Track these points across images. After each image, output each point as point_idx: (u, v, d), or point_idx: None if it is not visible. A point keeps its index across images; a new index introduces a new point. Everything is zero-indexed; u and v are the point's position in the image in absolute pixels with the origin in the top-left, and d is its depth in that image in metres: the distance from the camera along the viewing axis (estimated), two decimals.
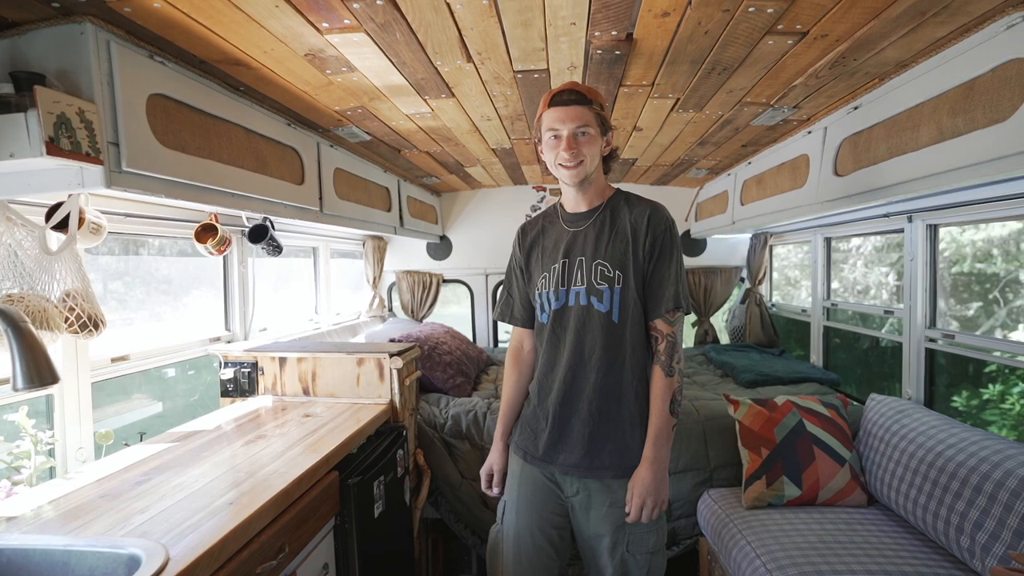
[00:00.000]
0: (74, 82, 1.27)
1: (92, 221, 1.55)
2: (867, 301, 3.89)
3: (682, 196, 4.39)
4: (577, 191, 1.49)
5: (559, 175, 1.46)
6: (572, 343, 1.45)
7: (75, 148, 1.22)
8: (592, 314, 1.44)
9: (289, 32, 1.46)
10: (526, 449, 1.56)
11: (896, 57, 1.66)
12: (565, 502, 1.53)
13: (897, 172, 1.66)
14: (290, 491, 1.48)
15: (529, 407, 1.60)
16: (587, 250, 1.46)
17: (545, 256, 1.53)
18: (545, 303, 1.50)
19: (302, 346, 2.50)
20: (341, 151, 2.63)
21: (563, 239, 1.50)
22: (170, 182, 1.48)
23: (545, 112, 1.42)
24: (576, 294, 1.45)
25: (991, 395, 4.17)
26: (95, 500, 1.40)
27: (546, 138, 1.43)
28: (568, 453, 1.47)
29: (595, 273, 1.44)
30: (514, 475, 1.60)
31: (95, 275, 2.39)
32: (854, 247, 4.00)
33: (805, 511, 2.14)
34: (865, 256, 4.15)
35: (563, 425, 1.48)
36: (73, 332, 1.47)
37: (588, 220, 1.50)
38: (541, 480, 1.54)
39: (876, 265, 4.36)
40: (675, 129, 2.62)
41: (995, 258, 3.97)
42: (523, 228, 1.65)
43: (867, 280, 4.21)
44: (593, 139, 1.41)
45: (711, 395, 2.89)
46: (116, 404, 2.29)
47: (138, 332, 2.48)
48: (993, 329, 3.73)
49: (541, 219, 1.62)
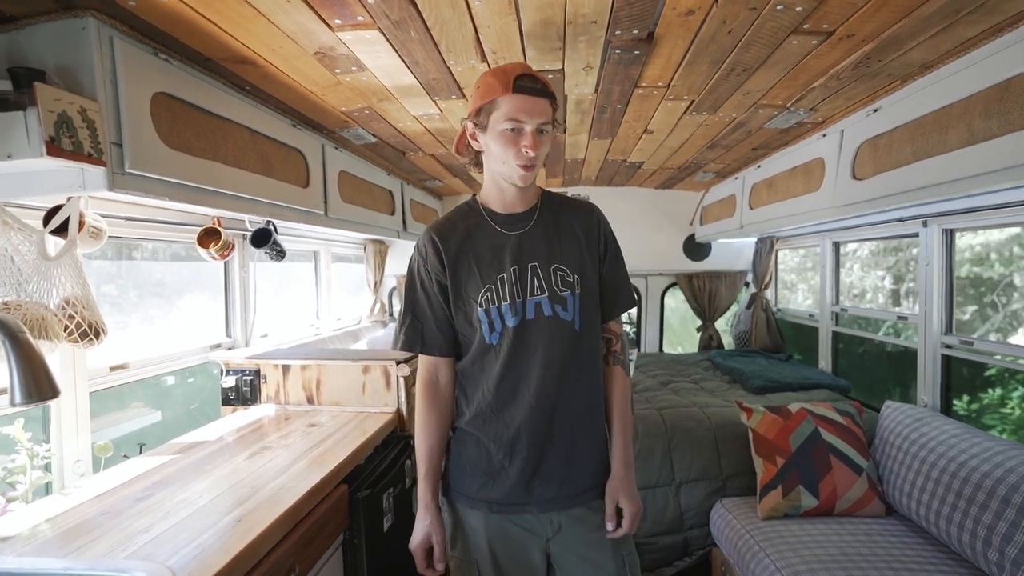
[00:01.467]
0: (76, 79, 1.21)
1: (92, 225, 1.49)
2: (864, 304, 3.87)
3: (687, 200, 4.36)
4: (519, 192, 1.29)
5: (510, 173, 1.22)
6: (542, 361, 1.25)
7: (77, 148, 1.16)
8: (560, 325, 1.26)
9: (300, 29, 1.40)
10: (488, 498, 1.29)
11: (921, 58, 1.62)
12: (543, 549, 1.31)
13: (924, 176, 1.62)
14: (299, 507, 1.41)
15: (468, 447, 1.32)
16: (539, 254, 1.27)
17: (482, 265, 1.27)
18: (496, 320, 1.25)
19: (305, 353, 2.44)
20: (346, 153, 2.58)
21: (505, 244, 1.28)
22: (174, 184, 1.42)
23: (505, 97, 1.16)
24: (536, 305, 1.25)
25: (991, 399, 4.16)
26: (95, 518, 1.33)
27: (501, 128, 1.18)
28: (545, 487, 1.27)
29: (555, 279, 1.27)
30: (477, 533, 1.30)
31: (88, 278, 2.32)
32: (851, 251, 3.98)
33: (823, 522, 2.10)
34: (862, 260, 4.14)
35: (537, 457, 1.27)
36: (73, 341, 1.40)
37: (529, 221, 1.30)
38: (515, 531, 1.29)
39: (872, 269, 4.36)
40: (686, 132, 2.58)
41: (992, 262, 3.98)
42: (439, 233, 1.29)
43: (863, 284, 4.20)
44: (549, 139, 1.23)
45: (721, 402, 2.85)
46: (113, 413, 2.22)
47: (132, 336, 2.41)
48: (988, 333, 3.73)
49: (459, 222, 1.32)
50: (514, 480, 1.27)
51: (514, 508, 1.28)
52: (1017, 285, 3.90)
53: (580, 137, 2.72)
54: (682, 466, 2.47)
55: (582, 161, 3.32)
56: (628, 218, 4.39)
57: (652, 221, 4.40)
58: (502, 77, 1.17)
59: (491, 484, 1.29)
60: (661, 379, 3.39)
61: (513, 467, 1.27)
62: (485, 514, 1.29)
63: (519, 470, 1.27)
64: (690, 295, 4.36)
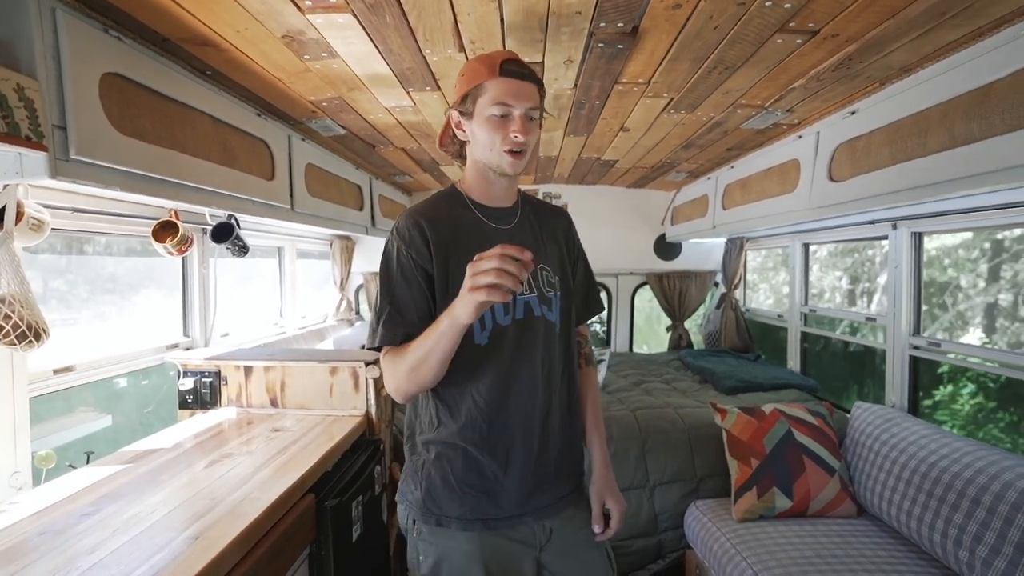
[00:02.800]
0: (12, 54, 1.10)
1: (33, 216, 1.35)
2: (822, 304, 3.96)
3: (658, 199, 4.37)
4: (507, 183, 1.23)
5: (498, 162, 1.16)
6: (535, 362, 1.20)
7: (12, 130, 1.04)
8: (547, 325, 1.22)
9: (267, 9, 1.31)
10: (484, 515, 1.20)
11: (901, 61, 1.63)
12: (535, 559, 1.25)
13: (902, 179, 1.63)
14: (263, 520, 1.32)
15: (455, 464, 1.20)
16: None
17: (471, 258, 1.17)
18: (488, 319, 1.17)
19: (269, 354, 2.32)
20: (313, 145, 2.46)
21: (495, 238, 1.18)
22: (126, 173, 1.31)
23: (492, 81, 1.11)
24: (526, 304, 1.20)
25: (942, 396, 4.33)
26: (32, 538, 1.21)
27: (488, 114, 1.12)
28: (541, 494, 1.23)
29: (541, 279, 1.23)
30: (471, 558, 1.19)
31: (33, 272, 2.16)
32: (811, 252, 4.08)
33: (797, 523, 2.10)
34: (820, 260, 4.24)
35: (533, 463, 1.21)
36: (9, 344, 1.28)
37: (514, 217, 1.26)
38: (509, 547, 1.22)
39: (830, 269, 4.46)
40: (663, 131, 2.56)
41: (944, 265, 4.14)
42: (425, 217, 1.19)
43: (822, 284, 4.30)
44: (537, 126, 1.18)
45: (694, 402, 2.85)
46: (58, 419, 2.06)
47: (81, 334, 2.26)
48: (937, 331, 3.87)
49: (444, 209, 1.23)
50: (511, 491, 1.20)
51: (511, 521, 1.22)
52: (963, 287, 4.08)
53: (555, 134, 2.68)
54: (656, 468, 2.46)
55: (556, 158, 3.28)
56: (600, 217, 4.38)
57: (623, 220, 4.39)
58: (488, 62, 1.13)
59: (486, 500, 1.20)
60: (633, 379, 3.38)
61: (509, 477, 1.20)
62: (480, 534, 1.20)
63: (517, 480, 1.20)
64: (660, 295, 4.37)
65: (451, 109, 1.20)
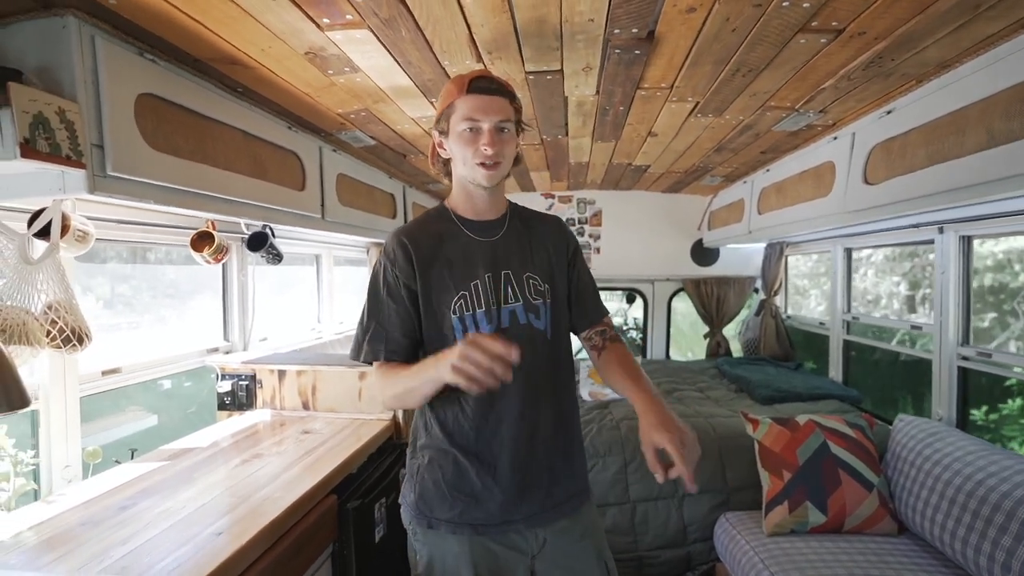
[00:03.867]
0: (55, 79, 1.19)
1: (78, 228, 1.46)
2: (878, 312, 3.77)
3: (694, 204, 4.28)
4: (488, 195, 1.26)
5: (472, 175, 1.20)
6: (522, 371, 1.16)
7: (54, 150, 1.12)
8: (534, 334, 1.24)
9: (288, 28, 1.37)
10: (472, 520, 1.23)
11: (938, 57, 1.55)
12: (528, 567, 1.26)
13: (939, 180, 1.55)
14: (284, 519, 1.37)
15: (445, 469, 1.23)
16: (512, 262, 1.26)
17: (454, 271, 1.23)
18: (471, 328, 1.20)
19: (302, 358, 2.40)
20: (344, 156, 2.54)
21: (478, 250, 1.25)
22: (160, 187, 1.39)
23: (460, 99, 1.17)
24: (511, 313, 1.23)
25: (1010, 410, 4.03)
26: (75, 528, 1.30)
27: (460, 130, 1.17)
28: (530, 502, 1.24)
29: (528, 287, 1.25)
30: (461, 559, 1.22)
31: (102, 279, 2.33)
32: (864, 256, 3.89)
33: (831, 539, 2.02)
34: (876, 265, 4.03)
35: (522, 471, 1.23)
36: (56, 347, 1.38)
37: (501, 228, 1.29)
38: (500, 551, 1.24)
39: (887, 275, 4.24)
40: (692, 135, 2.52)
41: (1016, 271, 3.86)
42: (409, 236, 1.25)
43: (878, 290, 4.09)
44: (512, 138, 1.22)
45: (727, 412, 2.77)
46: (109, 417, 2.20)
47: (144, 336, 2.42)
48: (1008, 341, 3.63)
49: (429, 226, 1.28)
50: (499, 499, 1.22)
51: (500, 528, 1.24)
52: None
53: (583, 140, 2.67)
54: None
55: (587, 164, 3.27)
56: (635, 222, 4.33)
57: (659, 226, 4.33)
58: (459, 82, 1.19)
59: (474, 505, 1.23)
60: (666, 387, 3.31)
61: (497, 485, 1.22)
62: (469, 537, 1.23)
63: (504, 487, 1.22)
64: (697, 301, 4.28)
65: (432, 130, 1.26)
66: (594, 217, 4.42)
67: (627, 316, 5.30)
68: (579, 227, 4.42)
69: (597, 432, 2.54)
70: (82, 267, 2.23)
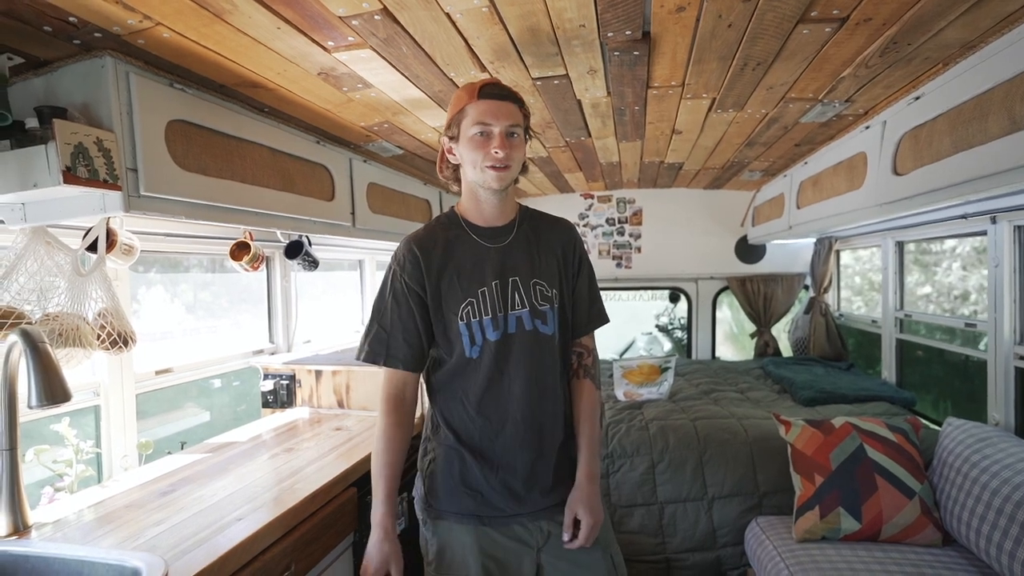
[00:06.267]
0: (95, 113, 1.34)
1: (124, 242, 1.63)
2: (967, 308, 3.50)
3: (737, 200, 4.15)
4: (497, 201, 1.29)
5: (483, 178, 1.23)
6: (524, 374, 1.27)
7: (92, 176, 1.28)
8: (540, 339, 1.29)
9: (297, 52, 1.48)
10: (478, 512, 1.28)
11: (959, 38, 1.46)
12: (534, 559, 1.31)
13: (962, 169, 1.46)
14: (300, 509, 1.48)
15: (453, 463, 1.30)
16: (520, 269, 1.29)
17: (463, 278, 1.27)
18: (477, 334, 1.26)
19: (338, 359, 2.54)
20: (375, 165, 2.67)
21: (486, 257, 1.28)
22: (189, 204, 1.53)
23: (471, 104, 1.21)
24: (518, 319, 1.27)
25: None
26: (120, 510, 1.46)
27: (471, 134, 1.21)
28: (534, 498, 1.29)
29: (535, 293, 1.29)
30: (467, 549, 1.28)
31: (186, 286, 2.58)
32: (949, 247, 3.62)
33: (865, 548, 1.93)
34: (963, 257, 3.74)
35: (525, 468, 1.28)
36: (104, 349, 1.55)
37: (510, 234, 1.32)
38: (506, 543, 1.29)
39: (976, 267, 3.92)
40: (718, 130, 2.46)
41: None
42: (419, 244, 1.29)
43: (966, 284, 3.79)
44: (521, 143, 1.25)
45: (763, 413, 2.68)
46: (166, 413, 2.42)
47: (222, 339, 2.66)
48: None
49: (439, 233, 1.32)
50: (504, 495, 1.28)
51: (505, 521, 1.29)
52: None
53: (608, 140, 2.67)
54: (715, 480, 2.36)
55: (618, 164, 3.25)
56: (676, 220, 4.25)
57: (701, 223, 4.22)
58: (469, 88, 1.24)
59: (480, 498, 1.28)
60: (704, 388, 3.24)
61: (500, 483, 1.28)
62: (475, 527, 1.29)
63: (509, 485, 1.28)
64: (743, 300, 4.14)
65: (442, 137, 1.31)
66: (634, 216, 4.37)
67: (673, 315, 5.20)
68: (619, 226, 4.39)
69: (626, 432, 2.53)
70: (168, 276, 2.49)
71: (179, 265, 2.57)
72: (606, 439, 2.51)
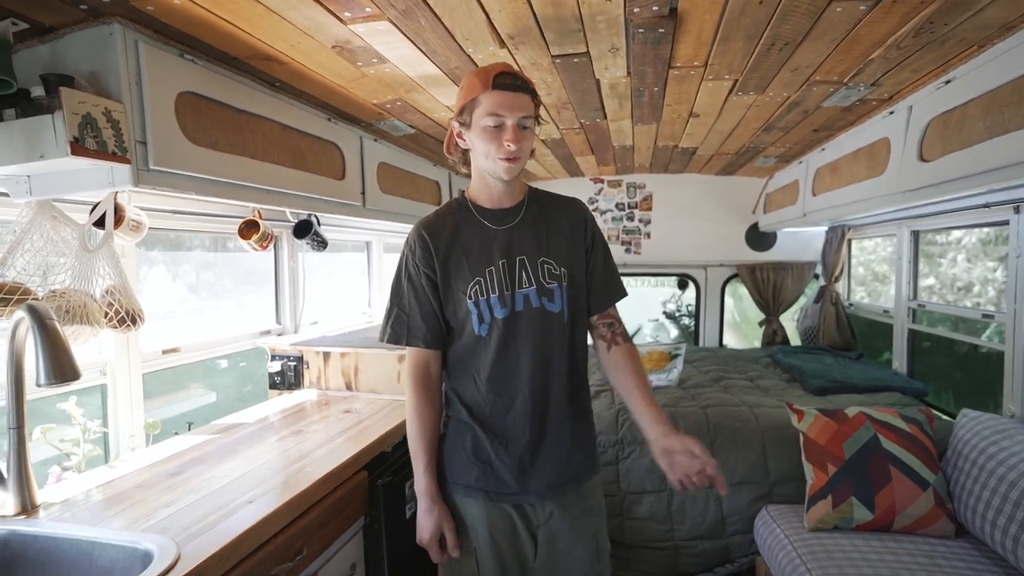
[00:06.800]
0: (103, 83, 1.30)
1: (132, 218, 1.59)
2: (970, 300, 3.47)
3: (749, 186, 4.10)
4: (504, 185, 1.32)
5: (494, 168, 1.26)
6: (533, 351, 1.31)
7: (101, 148, 1.23)
8: (547, 316, 1.32)
9: (312, 23, 1.42)
10: (486, 487, 1.33)
11: (1000, 18, 1.41)
12: (533, 535, 1.36)
13: (997, 155, 1.41)
14: (311, 492, 1.46)
15: (464, 438, 1.35)
16: (527, 248, 1.32)
17: (471, 259, 1.31)
18: (485, 312, 1.30)
19: (346, 341, 2.51)
20: (385, 145, 2.62)
21: (493, 238, 1.33)
22: (199, 179, 1.49)
23: (485, 94, 1.21)
24: (525, 297, 1.31)
25: None
26: (129, 491, 1.43)
27: (483, 124, 1.23)
28: (542, 474, 1.33)
29: (542, 272, 1.32)
30: (476, 521, 1.34)
31: (188, 266, 2.54)
32: (954, 239, 3.58)
33: (877, 538, 1.91)
34: (967, 249, 3.71)
35: (533, 445, 1.32)
36: (112, 327, 1.51)
37: (517, 216, 1.35)
38: (513, 517, 1.35)
39: (981, 259, 3.88)
40: (736, 114, 2.41)
41: None
42: (428, 229, 1.34)
43: (970, 276, 3.76)
44: (531, 133, 1.28)
45: (774, 401, 2.66)
46: (172, 393, 2.40)
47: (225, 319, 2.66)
48: None
49: (447, 217, 1.36)
50: (512, 470, 1.32)
51: (512, 498, 1.34)
52: None
53: (623, 123, 2.61)
54: (726, 468, 2.33)
55: (631, 148, 3.20)
56: (686, 206, 4.20)
57: (712, 209, 4.18)
58: (483, 76, 1.23)
59: (490, 472, 1.33)
60: (714, 375, 3.22)
61: (510, 457, 1.32)
62: (484, 502, 1.33)
63: (516, 459, 1.32)
64: (753, 287, 4.11)
65: (452, 120, 1.32)
66: (644, 201, 4.32)
67: (680, 302, 5.17)
68: (629, 211, 4.34)
69: None
70: (170, 255, 2.45)
71: (182, 245, 2.52)
72: (615, 426, 2.49)
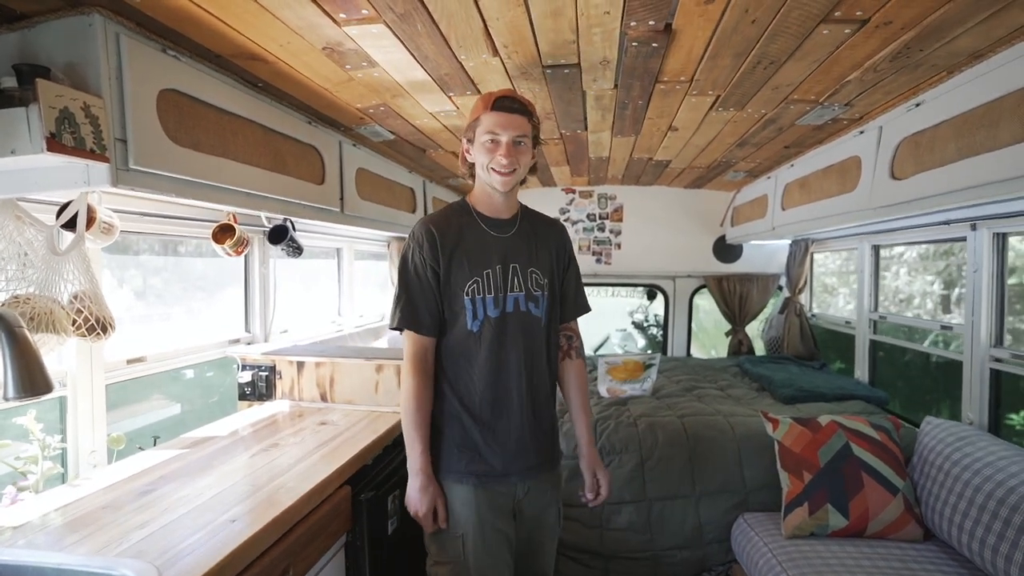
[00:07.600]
0: (81, 76, 1.22)
1: (104, 220, 1.50)
2: (910, 312, 3.65)
3: (717, 200, 4.21)
4: (503, 198, 1.49)
5: (490, 179, 1.44)
6: (518, 349, 1.46)
7: (78, 144, 1.16)
8: (531, 319, 1.48)
9: (305, 24, 1.38)
10: (476, 472, 1.45)
11: (970, 46, 1.49)
12: (514, 510, 1.51)
13: (969, 175, 1.49)
14: (297, 508, 1.39)
15: (454, 426, 1.47)
16: (520, 257, 1.49)
17: (471, 260, 1.45)
18: (479, 310, 1.44)
19: (320, 350, 2.44)
20: (364, 150, 2.57)
21: (492, 244, 1.48)
22: (181, 181, 1.42)
23: (485, 115, 1.40)
24: (515, 300, 1.47)
25: None
26: (96, 512, 1.34)
27: (483, 140, 1.41)
28: (525, 459, 1.49)
29: (531, 280, 1.49)
30: (466, 505, 1.44)
31: (135, 271, 2.40)
32: (896, 254, 3.76)
33: (852, 544, 1.97)
34: (908, 263, 3.91)
35: (519, 432, 1.47)
36: (81, 335, 1.42)
37: (512, 228, 1.52)
38: (497, 498, 1.47)
39: (921, 273, 4.10)
40: (713, 129, 2.47)
41: None
42: (436, 226, 1.46)
43: (911, 289, 3.96)
44: (527, 150, 1.44)
45: (747, 411, 2.72)
46: (133, 405, 2.26)
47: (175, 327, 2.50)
48: None
49: (453, 218, 1.50)
50: (499, 455, 1.46)
51: (499, 479, 1.47)
52: None
53: (603, 135, 2.64)
54: (703, 477, 2.37)
55: (607, 159, 3.24)
56: (656, 218, 4.28)
57: (681, 222, 4.27)
58: (486, 99, 1.42)
59: (479, 459, 1.46)
60: (685, 385, 3.27)
61: (498, 443, 1.46)
62: (474, 487, 1.45)
63: (503, 446, 1.46)
64: (720, 298, 4.21)
65: (462, 138, 1.50)
66: (615, 212, 4.38)
67: (648, 312, 5.25)
68: (600, 222, 4.39)
69: (614, 429, 2.52)
70: (116, 259, 2.30)
71: (128, 248, 2.40)
72: (595, 435, 2.49)
